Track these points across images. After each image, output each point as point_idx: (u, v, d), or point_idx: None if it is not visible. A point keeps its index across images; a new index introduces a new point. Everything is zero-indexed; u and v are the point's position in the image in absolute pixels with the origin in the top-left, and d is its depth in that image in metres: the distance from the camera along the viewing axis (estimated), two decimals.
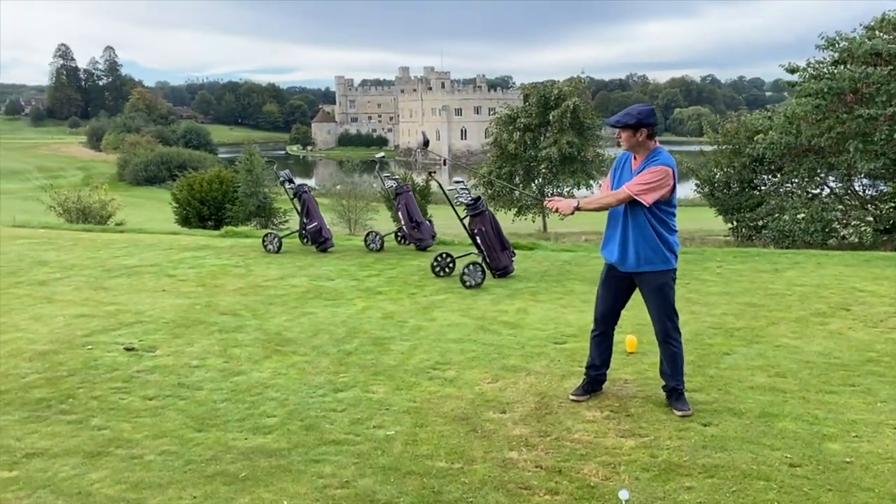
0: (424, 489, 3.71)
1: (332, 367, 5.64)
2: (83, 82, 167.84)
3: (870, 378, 5.22)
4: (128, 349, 6.04)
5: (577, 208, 4.70)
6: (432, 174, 9.94)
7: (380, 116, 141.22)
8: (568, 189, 33.20)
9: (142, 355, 5.91)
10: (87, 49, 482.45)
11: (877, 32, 16.86)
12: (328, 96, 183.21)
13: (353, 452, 4.14)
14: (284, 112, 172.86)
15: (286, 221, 23.54)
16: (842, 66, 16.53)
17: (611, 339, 5.03)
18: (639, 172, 4.58)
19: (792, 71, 18.10)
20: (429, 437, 4.33)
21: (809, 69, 17.55)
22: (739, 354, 5.85)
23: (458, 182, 8.96)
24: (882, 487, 3.64)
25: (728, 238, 21.12)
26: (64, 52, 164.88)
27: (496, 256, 8.64)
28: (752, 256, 10.61)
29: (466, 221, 8.77)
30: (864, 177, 17.43)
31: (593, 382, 5.01)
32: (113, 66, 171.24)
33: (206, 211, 22.60)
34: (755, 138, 19.07)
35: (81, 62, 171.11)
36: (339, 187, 33.74)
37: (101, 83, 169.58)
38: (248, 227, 17.87)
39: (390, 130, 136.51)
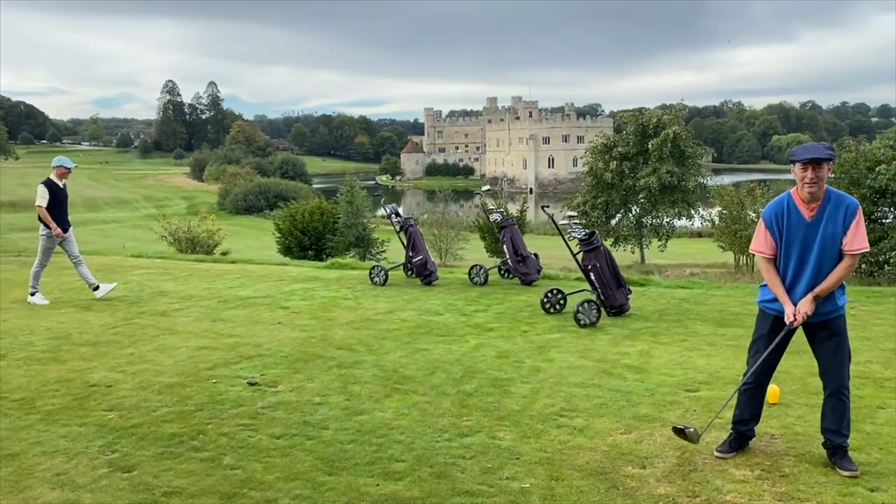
0: None
1: (453, 408, 5.49)
2: (188, 116, 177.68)
3: None
4: (251, 384, 6.08)
5: (816, 298, 4.24)
6: (545, 208, 9.72)
7: (466, 146, 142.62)
8: (668, 219, 32.24)
9: (265, 391, 5.94)
10: (192, 85, 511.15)
11: None
12: (417, 128, 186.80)
13: None
14: (375, 143, 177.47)
15: (384, 252, 23.82)
16: None
17: (764, 391, 4.67)
18: (829, 221, 4.15)
19: None
20: (567, 493, 4.09)
21: None
22: (894, 409, 5.35)
23: (571, 216, 8.72)
24: None
25: None
26: (171, 88, 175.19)
27: (611, 294, 8.33)
28: (885, 297, 9.88)
29: (580, 257, 8.52)
30: None
31: (741, 438, 4.65)
32: (215, 101, 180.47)
33: (308, 241, 23.15)
34: (877, 168, 17.96)
35: (186, 97, 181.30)
36: (425, 216, 34.00)
37: (203, 117, 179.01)
38: (350, 258, 18.12)
39: (477, 160, 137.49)
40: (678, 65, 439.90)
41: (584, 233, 8.42)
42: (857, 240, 4.14)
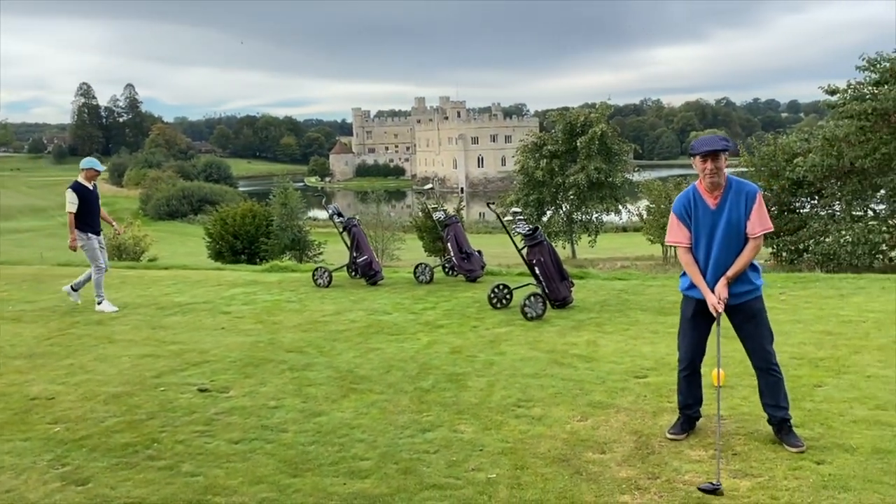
0: None
1: (412, 405, 5.50)
2: (104, 119, 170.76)
3: None
4: (201, 390, 5.95)
5: (729, 280, 4.44)
6: (490, 205, 9.83)
7: (396, 147, 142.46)
8: (597, 215, 33.01)
9: (217, 396, 5.82)
10: (108, 87, 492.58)
11: None
12: (345, 128, 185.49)
13: (458, 498, 3.99)
14: (302, 144, 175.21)
15: (321, 254, 23.57)
16: (885, 87, 16.36)
17: (700, 375, 4.86)
18: (732, 208, 4.38)
19: (832, 92, 17.94)
20: (533, 481, 4.17)
21: (850, 91, 17.39)
22: (831, 386, 5.65)
23: (515, 213, 8.85)
24: None
25: (768, 262, 20.81)
26: (85, 91, 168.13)
27: (555, 287, 8.50)
28: (811, 282, 10.38)
29: (524, 252, 8.65)
30: None
31: (689, 421, 4.84)
32: (133, 103, 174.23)
33: (240, 245, 22.69)
34: (794, 161, 18.86)
35: (102, 100, 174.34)
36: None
37: (121, 120, 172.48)
38: (286, 260, 17.86)
39: (407, 160, 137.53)
40: (598, 65, 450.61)
41: (528, 228, 8.56)
42: (759, 223, 4.38)
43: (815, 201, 20.04)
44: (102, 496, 4.09)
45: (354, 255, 10.82)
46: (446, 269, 11.30)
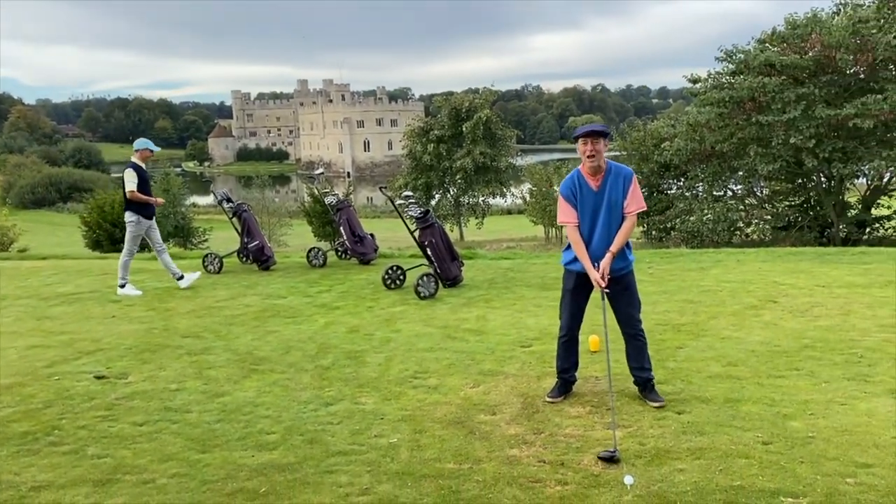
0: (443, 490, 3.92)
1: (314, 382, 5.75)
2: None
3: (810, 362, 5.80)
4: (98, 377, 5.94)
5: (613, 256, 4.87)
6: (383, 189, 10.10)
7: (279, 130, 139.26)
8: (483, 198, 33.89)
9: (115, 383, 5.83)
10: None
11: (767, 45, 18.26)
12: (224, 111, 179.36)
13: (363, 461, 4.30)
14: (178, 128, 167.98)
15: (206, 240, 23.00)
16: (740, 77, 17.82)
17: (577, 341, 5.38)
18: (612, 189, 4.88)
19: (694, 81, 19.32)
20: (431, 442, 4.54)
21: (710, 80, 18.80)
22: (691, 348, 6.35)
23: (407, 196, 9.18)
24: (845, 456, 4.12)
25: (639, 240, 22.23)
26: None
27: (447, 267, 8.91)
28: (676, 257, 11.34)
29: (417, 234, 9.00)
30: (764, 179, 18.81)
31: (566, 384, 5.33)
32: None
33: (119, 233, 21.72)
34: (662, 145, 20.20)
35: None
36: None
37: None
38: (170, 248, 17.38)
39: (291, 144, 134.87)
40: (479, 50, 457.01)
41: (419, 211, 8.91)
42: (633, 202, 4.91)
43: (681, 183, 21.55)
44: (7, 482, 4.12)
45: (245, 240, 10.82)
46: (339, 253, 11.49)
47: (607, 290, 4.91)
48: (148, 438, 4.71)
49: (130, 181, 9.15)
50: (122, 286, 9.35)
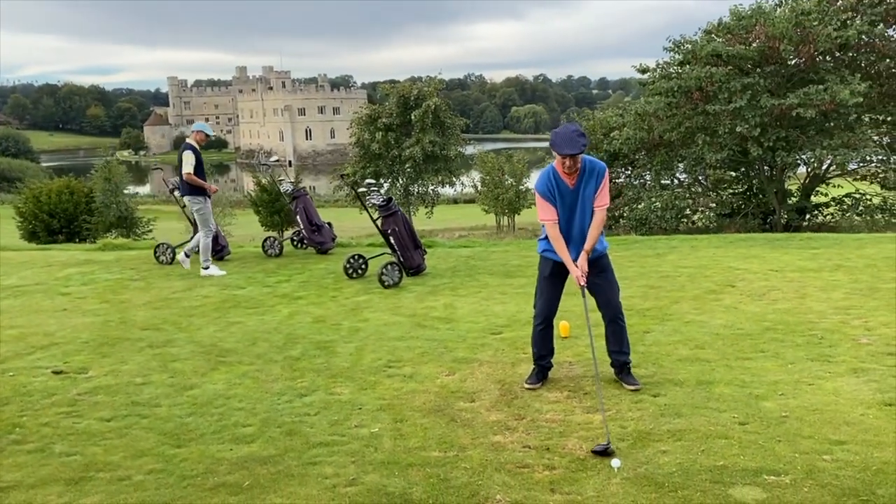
0: (431, 478, 3.89)
1: (285, 373, 5.63)
2: None
3: (773, 344, 5.96)
4: (56, 372, 5.69)
5: (588, 254, 4.92)
6: (344, 177, 9.94)
7: (217, 118, 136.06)
8: (433, 187, 33.82)
9: (75, 378, 5.60)
10: None
11: (714, 36, 18.67)
12: (160, 98, 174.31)
13: (347, 452, 4.23)
14: (112, 115, 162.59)
15: (150, 231, 22.35)
16: (687, 67, 18.17)
17: (553, 328, 5.40)
18: (586, 185, 4.89)
19: (643, 71, 19.62)
20: (413, 431, 4.49)
21: (659, 70, 19.12)
22: (658, 332, 6.45)
23: (370, 184, 9.06)
24: (820, 434, 4.24)
25: None
26: None
27: (410, 255, 8.85)
28: (631, 244, 11.53)
29: (379, 222, 8.90)
30: (710, 167, 19.27)
31: (543, 370, 5.34)
32: None
33: (57, 224, 20.99)
34: (611, 135, 20.48)
35: None
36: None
37: None
38: (113, 238, 16.84)
39: (230, 132, 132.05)
40: (421, 38, 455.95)
41: (382, 199, 8.81)
42: (601, 197, 4.96)
43: (629, 172, 21.91)
44: None
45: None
46: (295, 242, 11.30)
47: (586, 286, 4.94)
48: (118, 434, 4.54)
49: (188, 163, 9.22)
50: (206, 268, 9.41)
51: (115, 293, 8.55)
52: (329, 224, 11.01)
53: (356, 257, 9.05)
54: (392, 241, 8.76)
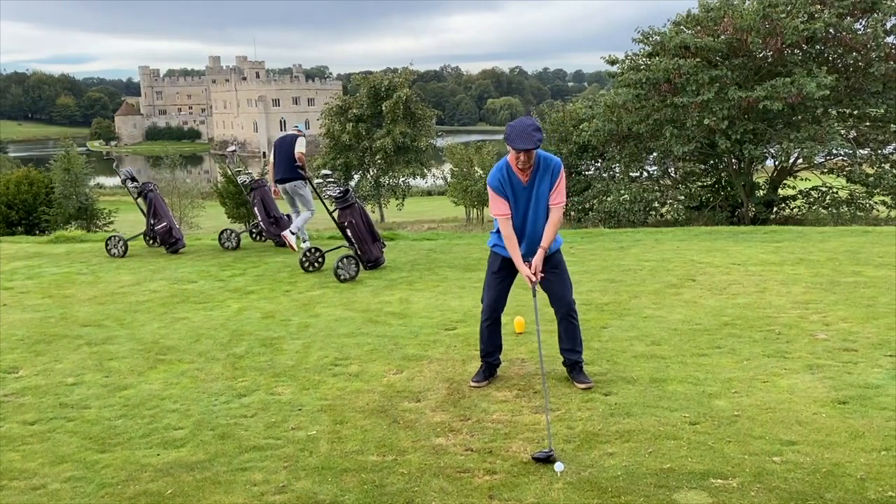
0: (365, 484, 3.70)
1: (226, 372, 5.40)
2: None
3: (730, 340, 5.84)
4: None
5: (545, 252, 4.72)
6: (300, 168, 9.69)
7: (190, 108, 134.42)
8: (404, 179, 33.55)
9: (3, 378, 5.33)
10: None
11: (682, 27, 18.61)
12: (131, 88, 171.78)
13: (280, 456, 4.02)
14: (82, 105, 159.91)
15: (111, 223, 21.85)
16: (656, 59, 18.10)
17: (500, 324, 5.22)
18: (541, 182, 4.71)
19: (612, 62, 19.52)
20: (353, 434, 4.30)
21: (627, 61, 19.03)
22: (615, 327, 6.31)
23: (325, 175, 8.82)
24: (771, 434, 4.12)
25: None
26: None
27: (367, 248, 8.63)
28: (596, 237, 11.41)
29: (336, 214, 8.67)
30: (679, 160, 19.25)
31: (490, 368, 5.17)
32: None
33: (16, 216, 20.43)
34: (580, 126, 20.37)
35: None
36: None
37: None
38: (73, 231, 16.39)
39: (203, 122, 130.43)
40: (398, 29, 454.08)
41: (338, 191, 8.57)
42: (557, 195, 4.78)
43: (599, 164, 21.84)
44: None
45: (152, 221, 10.21)
46: (253, 235, 11.02)
47: (537, 284, 4.76)
48: (40, 439, 4.29)
49: (301, 145, 9.49)
50: (293, 234, 9.61)
51: (60, 288, 8.23)
52: (288, 216, 10.74)
53: (312, 250, 8.81)
54: (349, 234, 8.53)
